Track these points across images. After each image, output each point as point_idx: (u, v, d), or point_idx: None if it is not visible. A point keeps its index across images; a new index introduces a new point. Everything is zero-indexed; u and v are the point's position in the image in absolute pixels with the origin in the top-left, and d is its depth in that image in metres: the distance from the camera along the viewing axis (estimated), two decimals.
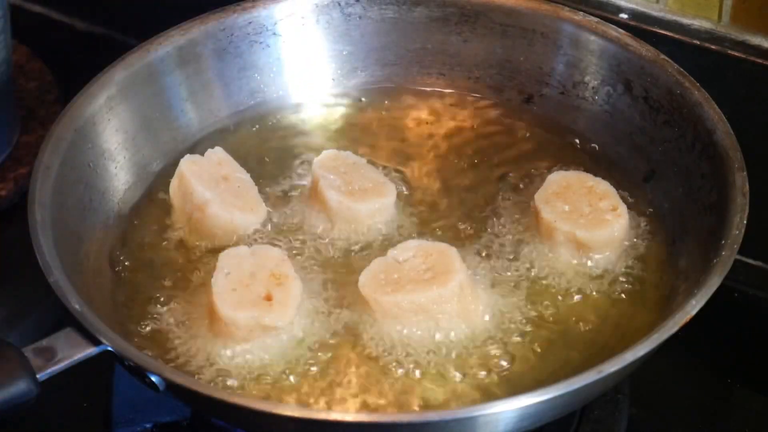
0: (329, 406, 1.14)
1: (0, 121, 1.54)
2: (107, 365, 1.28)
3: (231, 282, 1.17)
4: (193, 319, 1.20)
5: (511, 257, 1.25)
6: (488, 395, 1.13)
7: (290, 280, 1.18)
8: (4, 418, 1.08)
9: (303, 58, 1.44)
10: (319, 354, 1.17)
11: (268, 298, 1.16)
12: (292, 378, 1.16)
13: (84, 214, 1.27)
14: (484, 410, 1.03)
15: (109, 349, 1.09)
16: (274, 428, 1.09)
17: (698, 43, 1.40)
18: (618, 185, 1.28)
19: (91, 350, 1.09)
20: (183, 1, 1.44)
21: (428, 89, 1.45)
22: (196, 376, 1.15)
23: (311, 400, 1.14)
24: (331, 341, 1.18)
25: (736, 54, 1.38)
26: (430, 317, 1.16)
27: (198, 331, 1.18)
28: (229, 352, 1.16)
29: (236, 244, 1.26)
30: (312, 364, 1.17)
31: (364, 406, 1.14)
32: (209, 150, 1.32)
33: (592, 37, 1.36)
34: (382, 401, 1.14)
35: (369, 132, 1.41)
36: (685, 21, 1.42)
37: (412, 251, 1.19)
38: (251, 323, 1.15)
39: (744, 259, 1.40)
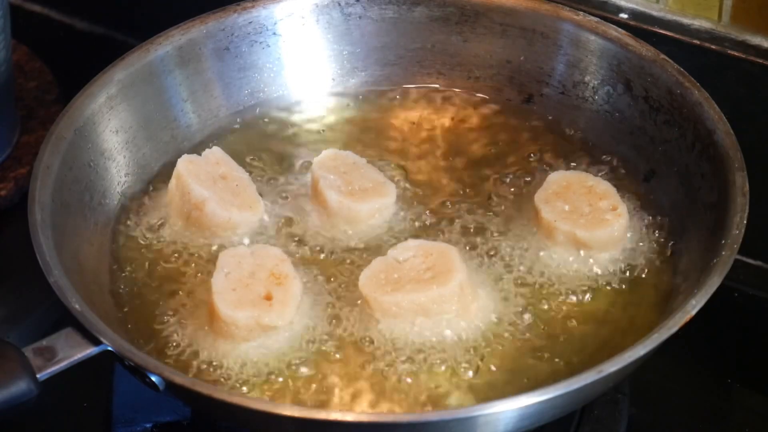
0: (329, 406, 1.14)
1: (0, 121, 1.54)
2: (107, 365, 1.28)
3: (231, 282, 1.17)
4: (193, 319, 1.20)
5: (511, 257, 1.25)
6: (488, 395, 1.13)
7: (290, 280, 1.18)
8: (4, 418, 1.08)
9: (303, 58, 1.44)
10: (319, 354, 1.17)
11: (268, 298, 1.16)
12: (292, 377, 1.16)
13: (84, 214, 1.27)
14: (484, 410, 1.03)
15: (109, 349, 1.09)
16: (274, 428, 1.09)
17: (698, 43, 1.40)
18: (618, 185, 1.28)
19: (91, 350, 1.09)
20: (183, 1, 1.44)
21: (428, 89, 1.45)
22: (197, 376, 1.15)
23: (311, 400, 1.14)
24: (331, 341, 1.18)
25: (736, 54, 1.38)
26: (430, 317, 1.16)
27: (198, 330, 1.18)
28: (228, 352, 1.16)
29: (235, 243, 1.26)
30: (312, 364, 1.17)
31: (364, 406, 1.14)
32: (207, 150, 1.32)
33: (592, 37, 1.37)
34: (381, 400, 1.14)
35: (369, 132, 1.41)
36: (685, 21, 1.42)
37: (412, 251, 1.19)
38: (251, 323, 1.15)
39: (744, 259, 1.40)
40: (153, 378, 1.07)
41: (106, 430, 1.29)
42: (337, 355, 1.17)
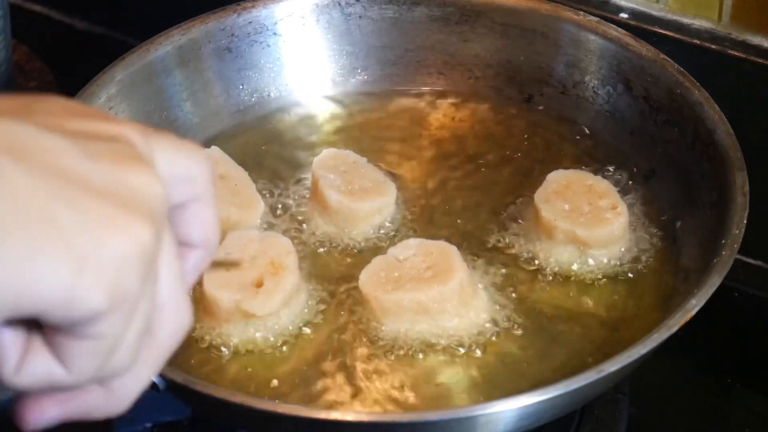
0: (324, 405, 1.13)
1: None
2: None
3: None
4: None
5: (511, 256, 1.25)
6: (488, 394, 1.13)
7: (287, 272, 1.17)
8: (5, 419, 1.08)
9: (303, 58, 1.44)
10: (316, 352, 1.17)
11: (258, 285, 1.15)
12: (287, 374, 1.16)
13: None
14: (484, 410, 1.03)
15: None
16: (274, 428, 1.09)
17: (698, 43, 1.40)
18: (618, 184, 1.28)
19: None
20: (183, 1, 1.44)
21: (428, 89, 1.45)
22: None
23: (306, 397, 1.14)
24: (330, 339, 1.18)
25: (736, 54, 1.38)
26: (431, 315, 1.16)
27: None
28: (212, 330, 1.16)
29: None
30: (309, 361, 1.16)
31: (362, 404, 1.14)
32: (206, 150, 1.32)
33: (593, 37, 1.37)
34: (380, 399, 1.14)
35: (369, 131, 1.41)
36: (685, 21, 1.42)
37: (413, 250, 1.19)
38: (231, 306, 1.14)
39: (744, 258, 1.40)
40: (153, 377, 1.07)
41: (106, 430, 1.28)
42: (335, 354, 1.17)
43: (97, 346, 0.69)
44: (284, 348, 1.17)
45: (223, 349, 1.17)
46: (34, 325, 0.69)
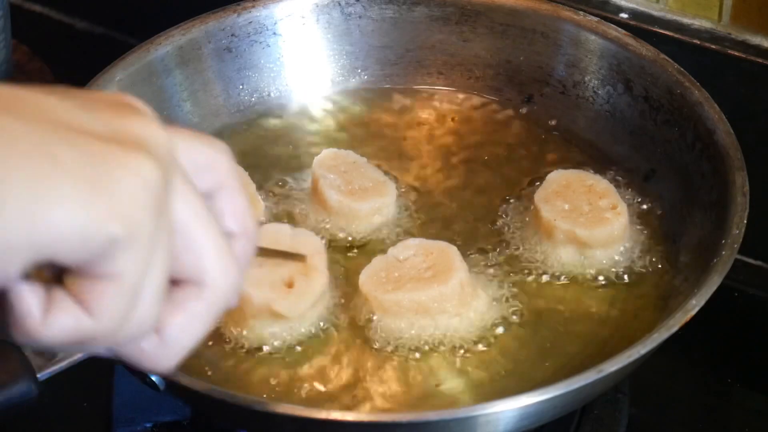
0: (324, 404, 1.13)
1: None
2: (107, 365, 1.27)
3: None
4: None
5: (511, 256, 1.25)
6: (488, 394, 1.13)
7: (317, 274, 1.16)
8: (4, 418, 1.08)
9: (303, 57, 1.44)
10: (316, 351, 1.17)
11: (290, 286, 1.15)
12: (285, 373, 1.16)
13: None
14: (484, 410, 1.03)
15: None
16: (274, 428, 1.09)
17: (698, 43, 1.40)
18: (618, 184, 1.28)
19: None
20: (183, 1, 1.44)
21: (428, 89, 1.45)
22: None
23: (306, 397, 1.14)
24: (329, 338, 1.18)
25: (736, 54, 1.38)
26: (431, 315, 1.16)
27: None
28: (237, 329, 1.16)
29: None
30: (308, 360, 1.16)
31: (361, 404, 1.14)
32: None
33: (593, 37, 1.37)
34: (379, 399, 1.14)
35: (369, 131, 1.41)
36: (685, 21, 1.42)
37: (413, 250, 1.19)
38: (262, 305, 1.14)
39: (744, 258, 1.40)
40: (153, 378, 1.07)
41: (106, 430, 1.29)
42: (334, 353, 1.17)
43: (118, 286, 0.68)
44: (298, 348, 1.17)
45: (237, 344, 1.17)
46: (53, 280, 0.68)
